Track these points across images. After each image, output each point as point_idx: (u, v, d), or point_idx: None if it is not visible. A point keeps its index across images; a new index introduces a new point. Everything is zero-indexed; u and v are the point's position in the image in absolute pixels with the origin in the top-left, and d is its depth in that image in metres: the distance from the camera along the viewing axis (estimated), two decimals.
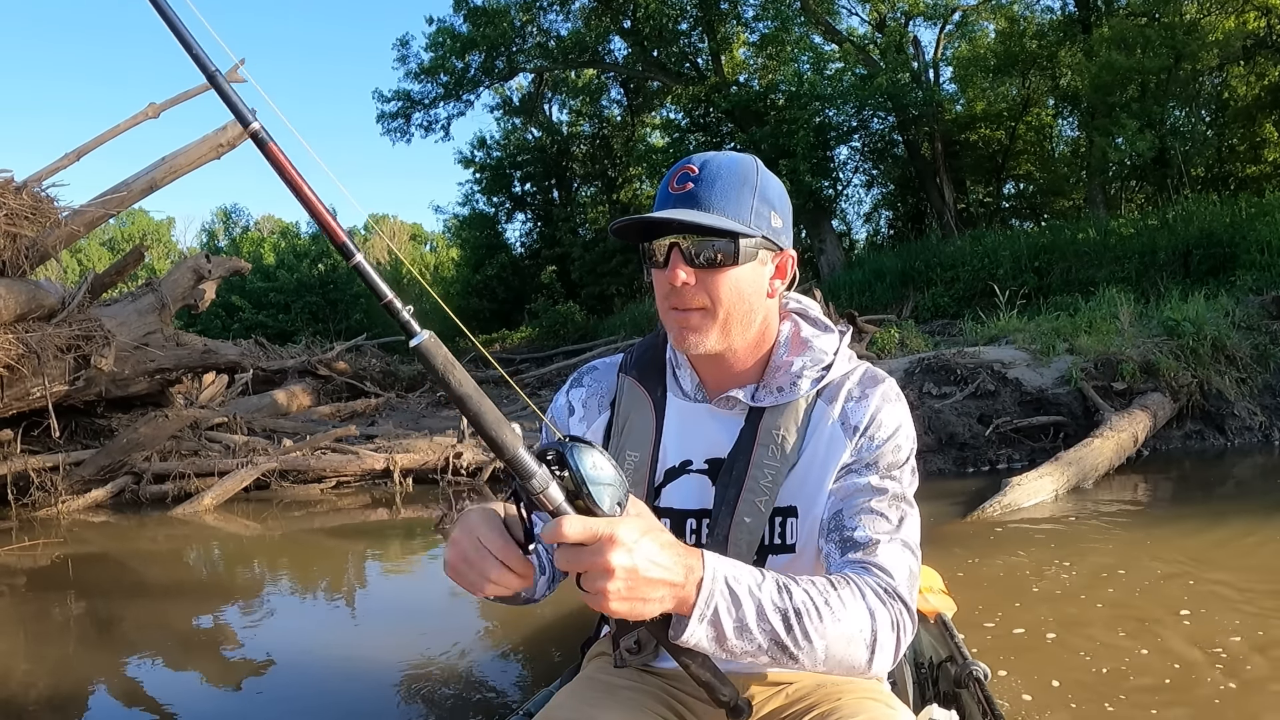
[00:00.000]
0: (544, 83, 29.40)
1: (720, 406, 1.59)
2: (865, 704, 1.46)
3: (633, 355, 1.72)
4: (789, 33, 21.79)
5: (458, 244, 36.56)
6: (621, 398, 1.67)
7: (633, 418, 1.64)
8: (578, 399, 1.72)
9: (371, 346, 17.02)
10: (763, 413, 1.56)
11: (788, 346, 1.59)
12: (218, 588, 5.80)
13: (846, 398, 1.55)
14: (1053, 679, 3.32)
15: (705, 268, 1.45)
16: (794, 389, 1.55)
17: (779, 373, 1.57)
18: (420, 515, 7.67)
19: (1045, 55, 21.01)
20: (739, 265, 1.46)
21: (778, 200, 1.52)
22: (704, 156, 1.50)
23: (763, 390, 1.57)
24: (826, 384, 1.56)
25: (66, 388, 7.92)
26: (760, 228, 1.47)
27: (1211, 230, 15.00)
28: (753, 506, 1.53)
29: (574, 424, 1.70)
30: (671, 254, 1.46)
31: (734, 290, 1.47)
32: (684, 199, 1.46)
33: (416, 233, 50.59)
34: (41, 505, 7.88)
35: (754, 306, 1.51)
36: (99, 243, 38.12)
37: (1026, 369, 9.28)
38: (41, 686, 3.90)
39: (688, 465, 1.60)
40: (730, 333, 1.50)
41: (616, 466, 1.18)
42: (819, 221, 23.55)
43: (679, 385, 1.64)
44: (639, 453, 1.62)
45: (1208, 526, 5.82)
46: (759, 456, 1.54)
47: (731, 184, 1.47)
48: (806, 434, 1.54)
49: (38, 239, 7.73)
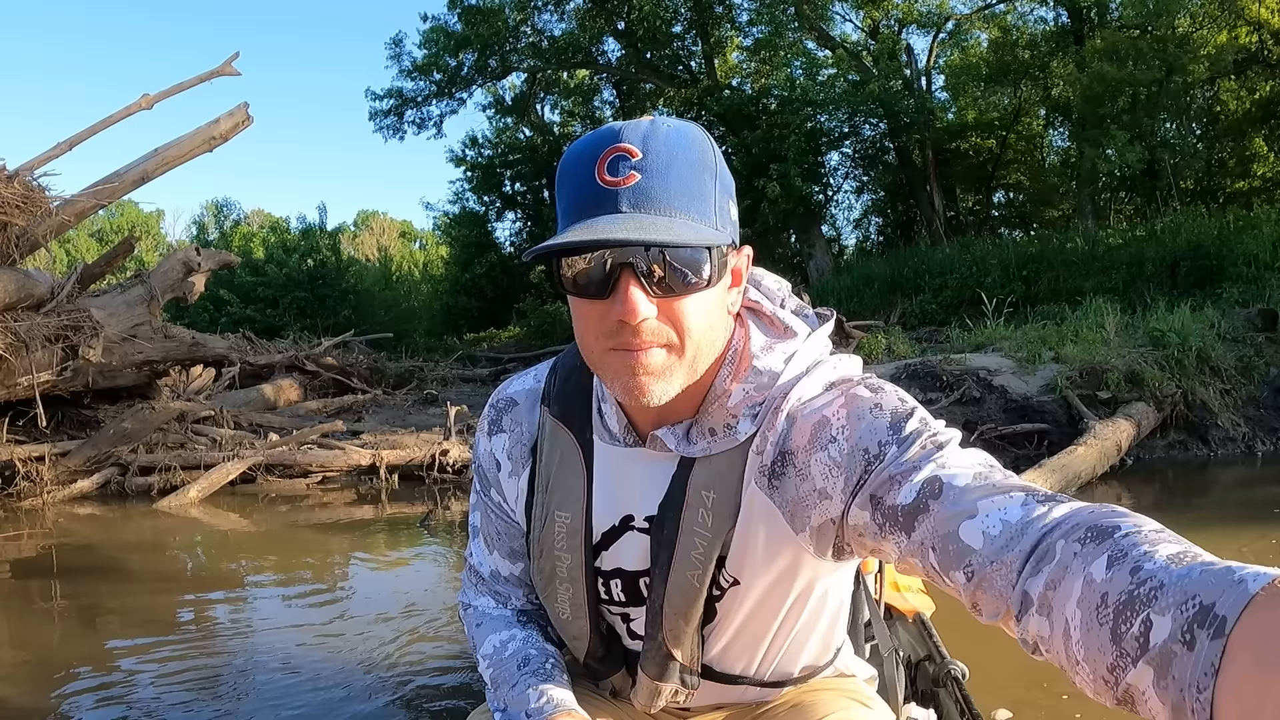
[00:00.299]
0: (537, 82, 29.39)
1: (654, 449, 1.23)
2: (841, 701, 1.41)
3: (554, 386, 1.35)
4: (782, 38, 21.88)
5: (447, 242, 36.47)
6: (544, 444, 1.33)
7: (559, 471, 1.31)
8: (500, 448, 1.38)
9: (359, 343, 17.05)
10: (693, 464, 1.21)
11: (731, 367, 1.19)
12: (203, 581, 5.80)
13: (767, 423, 1.18)
14: (1028, 680, 3.35)
15: (670, 294, 1.06)
16: (729, 433, 1.18)
17: (715, 406, 1.19)
18: (406, 512, 7.68)
19: (1037, 65, 21.12)
20: (712, 286, 1.08)
21: (730, 181, 1.14)
22: (640, 127, 1.06)
23: (695, 431, 1.20)
24: (767, 416, 1.19)
25: (54, 378, 7.91)
26: (725, 227, 1.10)
27: (1199, 243, 15.11)
28: (685, 580, 1.24)
29: (504, 479, 1.38)
30: (621, 277, 1.04)
31: (704, 318, 1.09)
32: (632, 196, 1.03)
33: (406, 230, 50.47)
34: (27, 495, 7.86)
35: (720, 331, 1.15)
36: (87, 234, 37.91)
37: (1012, 376, 9.33)
38: (24, 677, 3.89)
39: (629, 522, 1.28)
40: (697, 369, 1.13)
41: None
42: (809, 227, 23.61)
43: (605, 426, 1.27)
44: (570, 514, 1.30)
45: (1189, 535, 5.84)
46: (688, 521, 1.21)
47: (690, 171, 1.06)
48: (744, 489, 1.19)
49: (28, 228, 7.73)
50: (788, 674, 1.41)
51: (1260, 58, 19.66)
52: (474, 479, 1.45)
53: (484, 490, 1.42)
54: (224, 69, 9.00)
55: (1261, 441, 9.05)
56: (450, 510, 7.63)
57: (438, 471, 8.65)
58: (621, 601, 1.34)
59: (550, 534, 1.32)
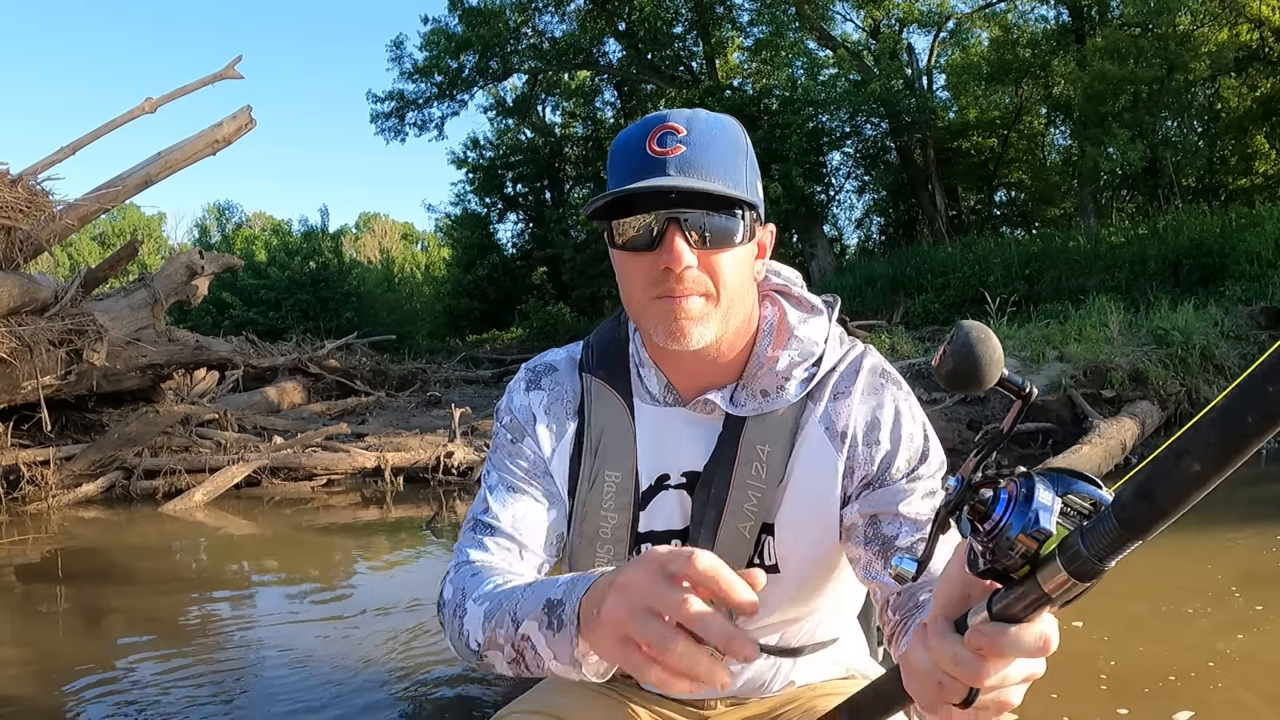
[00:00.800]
0: (538, 84, 29.43)
1: (696, 411, 1.35)
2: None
3: (594, 352, 1.45)
4: (783, 38, 21.90)
5: (449, 244, 36.51)
6: (590, 405, 1.41)
7: (609, 432, 1.38)
8: (538, 403, 1.43)
9: (362, 345, 17.02)
10: (744, 423, 1.33)
11: (771, 337, 1.35)
12: (207, 583, 5.80)
13: (832, 395, 1.34)
14: (1036, 682, 3.34)
15: (709, 248, 1.22)
16: (780, 394, 1.32)
17: (762, 371, 1.33)
18: (411, 514, 7.68)
19: (1038, 64, 21.13)
20: (743, 244, 1.25)
21: (756, 165, 1.32)
22: (683, 113, 1.25)
23: (743, 393, 1.34)
24: (816, 382, 1.34)
25: (58, 381, 7.92)
26: (755, 198, 1.27)
27: (1202, 241, 15.10)
28: (736, 533, 1.32)
29: (539, 431, 1.42)
30: (668, 231, 1.20)
31: (737, 272, 1.25)
32: (678, 163, 1.20)
33: (408, 232, 50.52)
34: (32, 500, 7.87)
35: (750, 290, 1.31)
36: (89, 237, 37.93)
37: (1016, 376, 9.29)
38: (30, 680, 3.90)
39: (664, 481, 1.37)
40: (730, 320, 1.28)
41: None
42: (810, 226, 23.61)
43: (645, 388, 1.39)
44: (619, 472, 1.37)
45: (1194, 534, 5.85)
46: (741, 475, 1.31)
47: (727, 148, 1.24)
48: (795, 445, 1.32)
49: (32, 232, 7.73)
50: (805, 642, 1.42)
51: (1261, 55, 19.67)
52: (495, 437, 1.47)
53: (516, 439, 1.43)
54: (227, 72, 9.01)
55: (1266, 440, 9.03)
56: (455, 513, 7.63)
57: (442, 474, 8.65)
58: None
59: (598, 494, 1.37)
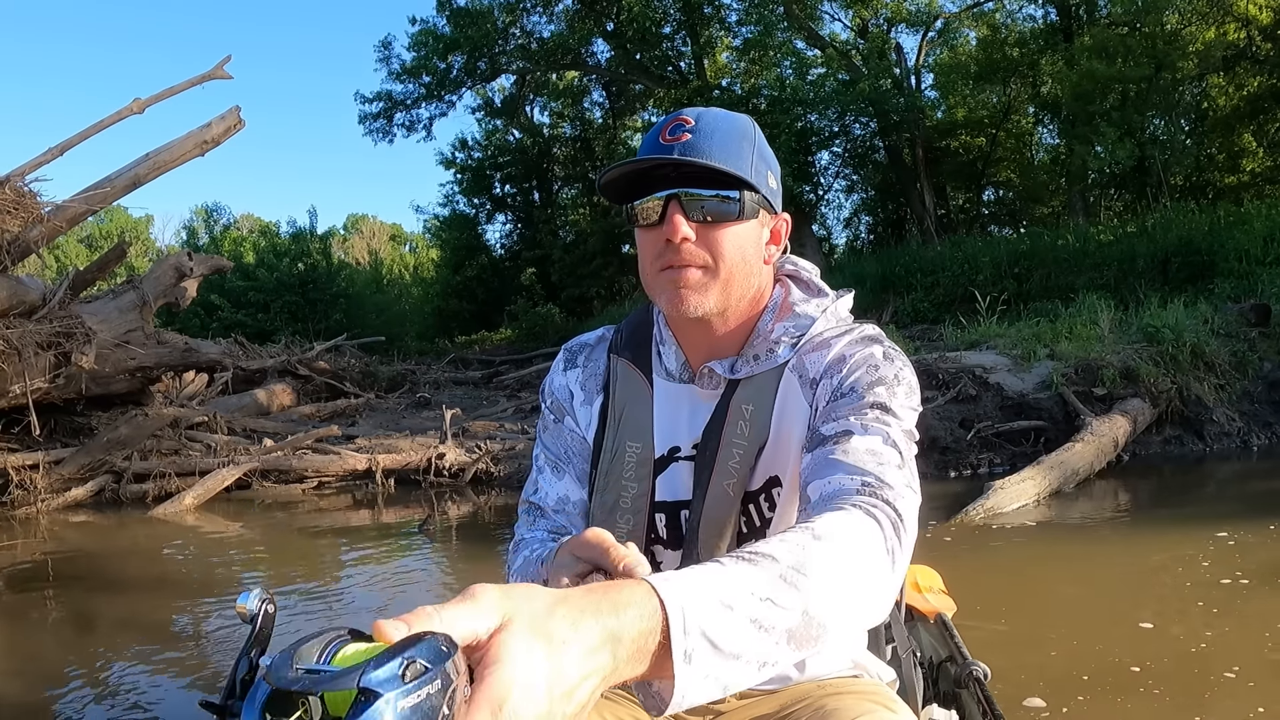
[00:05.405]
0: (526, 84, 29.38)
1: (703, 385, 1.46)
2: (865, 705, 1.38)
3: (623, 334, 1.59)
4: (772, 38, 21.85)
5: (438, 245, 36.47)
6: (616, 382, 1.54)
7: (631, 405, 1.51)
8: (574, 380, 1.59)
9: (351, 347, 16.99)
10: (737, 385, 1.43)
11: (774, 313, 1.46)
12: (198, 587, 5.76)
13: (811, 348, 1.42)
14: (1050, 680, 3.34)
15: (706, 223, 1.34)
16: (770, 356, 1.43)
17: (758, 340, 1.44)
18: (402, 516, 7.65)
19: (1026, 63, 21.15)
20: (742, 220, 1.36)
21: (773, 161, 1.43)
22: (697, 109, 1.38)
23: (740, 361, 1.44)
24: (804, 341, 1.43)
25: (47, 385, 7.87)
26: (759, 184, 1.37)
27: (1190, 238, 15.12)
28: (721, 491, 1.41)
29: (577, 408, 1.57)
30: (669, 208, 1.33)
31: (737, 247, 1.36)
32: (682, 148, 1.33)
33: (396, 233, 50.44)
34: (21, 504, 7.81)
35: (754, 268, 1.40)
36: (77, 240, 37.81)
37: (1007, 374, 9.34)
38: (19, 685, 3.87)
39: (675, 453, 1.47)
40: (730, 293, 1.38)
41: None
42: (799, 226, 23.52)
43: (663, 365, 1.51)
44: (640, 444, 1.48)
45: (1187, 529, 5.87)
46: (729, 435, 1.41)
47: (731, 137, 1.35)
48: (775, 401, 1.42)
49: (20, 234, 7.68)
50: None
51: (1248, 54, 19.71)
52: (541, 419, 1.63)
53: (558, 418, 1.59)
54: (215, 72, 8.96)
55: (1256, 436, 9.06)
56: (447, 515, 7.60)
57: (434, 475, 8.62)
58: (663, 540, 1.48)
59: (620, 464, 1.48)
